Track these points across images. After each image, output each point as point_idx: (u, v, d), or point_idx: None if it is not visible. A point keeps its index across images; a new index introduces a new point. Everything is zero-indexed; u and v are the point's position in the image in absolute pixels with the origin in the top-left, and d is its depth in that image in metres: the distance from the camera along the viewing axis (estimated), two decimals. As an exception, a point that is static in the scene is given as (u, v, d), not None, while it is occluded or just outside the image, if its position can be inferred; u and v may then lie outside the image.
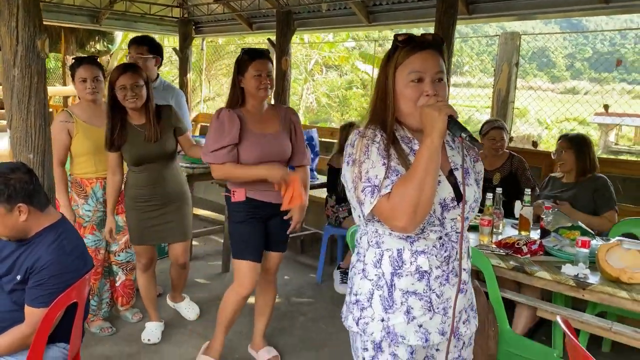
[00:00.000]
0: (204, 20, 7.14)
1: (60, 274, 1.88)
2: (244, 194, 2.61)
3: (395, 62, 1.44)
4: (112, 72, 2.81)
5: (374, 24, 5.50)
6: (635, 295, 2.07)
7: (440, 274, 1.47)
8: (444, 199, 1.43)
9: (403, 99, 1.43)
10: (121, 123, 2.83)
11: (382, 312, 1.47)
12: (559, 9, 4.35)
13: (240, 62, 2.56)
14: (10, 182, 1.84)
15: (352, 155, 1.45)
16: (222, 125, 2.50)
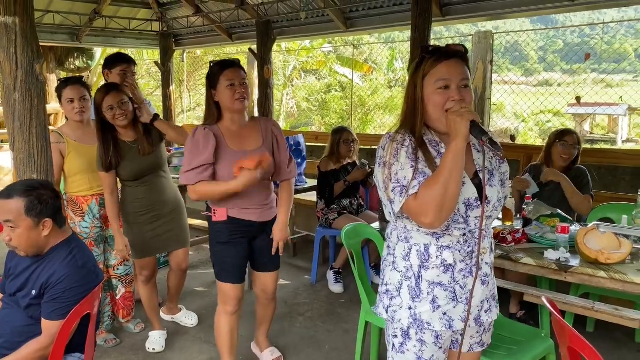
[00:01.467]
0: (183, 33, 7.23)
1: (75, 287, 1.97)
2: (225, 213, 2.47)
3: (423, 72, 1.54)
4: (97, 95, 2.87)
5: (351, 30, 5.65)
6: (613, 274, 2.23)
7: (464, 267, 1.58)
8: (468, 199, 1.54)
9: (431, 105, 1.53)
10: (113, 142, 2.88)
11: (410, 300, 1.61)
12: (528, 8, 4.55)
13: (211, 75, 2.43)
14: (43, 198, 1.95)
15: (382, 158, 1.57)
16: (196, 145, 2.38)
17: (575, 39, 20.33)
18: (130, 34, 6.98)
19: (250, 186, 2.34)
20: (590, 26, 12.77)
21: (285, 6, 5.72)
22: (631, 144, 16.94)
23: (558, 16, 23.80)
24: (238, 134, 2.46)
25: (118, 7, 6.58)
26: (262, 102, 5.92)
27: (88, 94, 3.06)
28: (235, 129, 2.46)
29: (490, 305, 1.69)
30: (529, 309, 3.34)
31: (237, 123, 2.46)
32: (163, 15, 6.95)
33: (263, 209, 2.53)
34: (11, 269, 2.11)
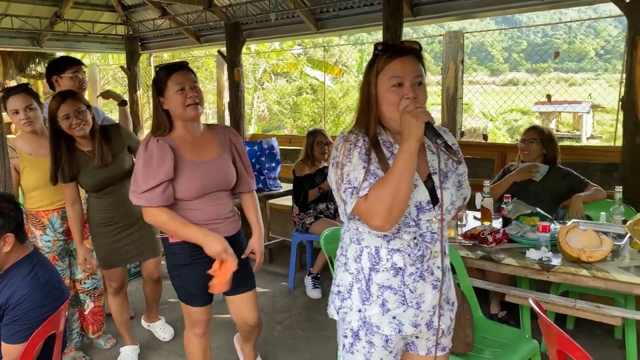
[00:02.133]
0: (149, 36, 7.05)
1: (37, 307, 1.84)
2: None
3: (377, 69, 1.51)
4: (51, 103, 2.67)
5: (322, 31, 5.58)
6: (596, 272, 2.21)
7: (414, 271, 1.55)
8: (419, 201, 1.51)
9: (385, 104, 1.50)
10: (69, 152, 2.70)
11: (360, 303, 1.58)
12: (496, 7, 4.56)
13: (157, 80, 2.16)
14: (5, 211, 1.82)
15: (335, 158, 1.53)
16: (151, 159, 2.10)
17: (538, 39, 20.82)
18: (94, 38, 6.77)
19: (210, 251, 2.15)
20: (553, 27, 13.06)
21: (254, 7, 5.62)
22: (595, 140, 17.40)
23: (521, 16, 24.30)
24: (194, 143, 2.20)
25: (80, 10, 6.37)
26: (233, 105, 5.80)
27: (35, 102, 2.84)
28: (191, 139, 2.20)
29: (444, 310, 1.64)
30: (509, 309, 3.32)
31: (191, 132, 2.21)
32: (128, 18, 6.76)
33: (225, 222, 2.29)
34: None
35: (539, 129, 3.40)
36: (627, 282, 2.16)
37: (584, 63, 19.71)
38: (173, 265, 2.28)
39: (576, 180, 3.27)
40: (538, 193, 3.24)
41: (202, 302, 2.31)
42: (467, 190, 1.72)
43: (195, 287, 2.27)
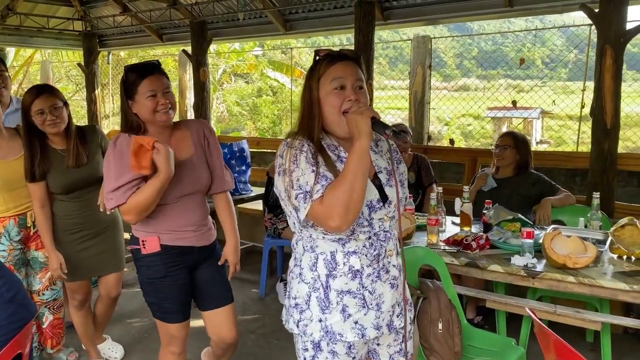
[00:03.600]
0: (108, 33, 6.78)
1: (3, 326, 1.67)
2: (157, 243, 2.05)
3: (318, 74, 1.51)
4: (25, 97, 2.54)
5: (290, 32, 5.52)
6: (582, 278, 2.23)
7: (371, 272, 1.54)
8: (370, 200, 1.51)
9: (328, 107, 1.50)
10: (42, 149, 2.56)
11: (320, 312, 1.54)
12: (466, 13, 4.62)
13: (127, 83, 2.00)
14: None
15: (282, 166, 1.50)
16: (121, 158, 1.96)
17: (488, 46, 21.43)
18: (49, 34, 6.44)
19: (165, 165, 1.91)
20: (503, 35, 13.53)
21: (221, 6, 5.48)
22: (544, 145, 18.04)
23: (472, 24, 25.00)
24: (167, 143, 2.05)
25: (35, 4, 6.04)
26: (199, 106, 5.64)
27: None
28: (163, 139, 2.04)
29: (402, 309, 1.63)
30: (484, 314, 3.34)
31: (163, 132, 2.08)
32: (86, 13, 6.47)
33: (201, 230, 2.13)
34: None
35: (513, 134, 3.43)
36: (611, 288, 2.18)
37: (530, 71, 20.41)
38: (147, 280, 2.10)
39: (546, 185, 3.31)
40: (509, 197, 3.27)
41: (180, 317, 2.14)
42: (406, 191, 1.77)
43: (172, 303, 2.11)
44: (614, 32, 3.37)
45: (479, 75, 20.52)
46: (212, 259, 2.19)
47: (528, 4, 4.23)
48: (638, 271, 2.27)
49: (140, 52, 12.19)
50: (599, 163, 3.55)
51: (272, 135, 14.94)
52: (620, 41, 3.38)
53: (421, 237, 2.85)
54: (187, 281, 2.14)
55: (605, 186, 3.49)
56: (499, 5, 4.35)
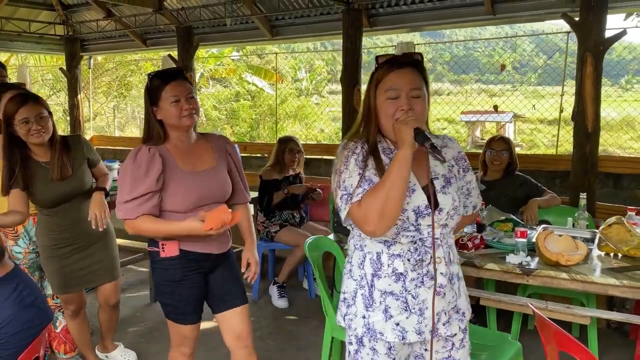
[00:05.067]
0: (90, 38, 6.73)
1: (24, 330, 1.69)
2: (176, 247, 2.07)
3: (376, 81, 1.55)
4: (8, 105, 2.39)
5: (277, 38, 5.58)
6: (574, 275, 2.34)
7: (415, 277, 1.55)
8: (417, 206, 1.53)
9: (382, 115, 1.54)
10: (22, 162, 2.43)
11: (364, 309, 1.59)
12: (449, 20, 4.76)
13: (151, 89, 2.03)
14: None
15: (335, 166, 1.58)
16: (138, 170, 1.97)
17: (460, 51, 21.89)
18: (29, 38, 6.35)
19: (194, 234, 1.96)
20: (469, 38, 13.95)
21: (207, 12, 5.51)
22: (517, 148, 18.43)
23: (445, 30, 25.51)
24: (188, 152, 2.09)
25: (16, 8, 5.96)
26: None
27: None
28: (185, 147, 2.09)
29: (450, 318, 1.62)
30: (475, 311, 3.44)
31: (185, 141, 2.10)
32: (68, 18, 6.41)
33: (220, 238, 2.15)
34: None
35: (505, 139, 3.55)
36: (602, 284, 2.30)
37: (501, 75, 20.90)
38: (163, 282, 2.12)
39: (533, 186, 3.44)
40: (497, 199, 3.39)
41: (195, 319, 2.18)
42: (476, 199, 1.73)
43: (189, 305, 2.14)
44: (594, 41, 3.54)
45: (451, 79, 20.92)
46: (226, 262, 2.22)
47: (510, 12, 4.38)
48: (626, 267, 2.40)
49: (117, 56, 12.07)
50: (580, 165, 3.71)
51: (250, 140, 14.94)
52: (600, 49, 3.55)
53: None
54: (203, 285, 2.17)
55: (586, 187, 3.64)
56: (481, 13, 4.50)
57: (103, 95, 14.05)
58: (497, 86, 17.92)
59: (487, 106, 11.87)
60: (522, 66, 22.62)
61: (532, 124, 18.52)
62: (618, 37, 3.60)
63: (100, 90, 13.72)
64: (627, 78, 20.25)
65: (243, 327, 2.24)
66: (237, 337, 2.25)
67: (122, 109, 15.58)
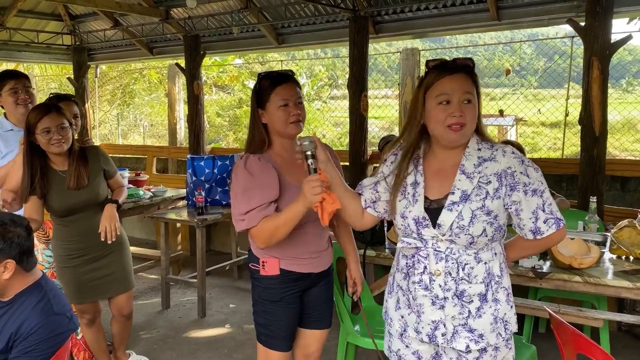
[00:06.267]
0: (96, 47, 6.78)
1: (51, 337, 1.72)
2: (277, 266, 1.98)
3: (426, 85, 1.54)
4: (30, 114, 2.48)
5: (283, 46, 5.62)
6: (587, 278, 2.37)
7: (417, 280, 1.61)
8: (417, 216, 1.59)
9: (431, 120, 1.54)
10: (42, 170, 2.50)
11: (387, 293, 1.78)
12: (454, 27, 4.79)
13: (260, 90, 1.95)
14: (7, 235, 1.70)
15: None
16: (251, 179, 1.88)
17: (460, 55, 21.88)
18: (37, 48, 6.41)
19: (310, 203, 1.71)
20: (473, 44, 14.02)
21: (214, 21, 5.56)
22: (519, 152, 18.41)
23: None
24: (292, 163, 1.94)
25: (24, 18, 6.02)
26: (193, 119, 5.69)
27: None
28: (288, 157, 1.98)
29: (456, 333, 1.58)
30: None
31: (288, 149, 1.99)
32: (75, 28, 6.47)
33: (321, 256, 2.06)
34: None
35: (514, 143, 3.58)
36: (616, 286, 2.33)
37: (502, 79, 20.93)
38: (261, 301, 2.04)
39: None
40: None
41: (285, 347, 2.06)
42: (535, 224, 1.55)
43: (281, 328, 2.04)
44: (600, 45, 3.57)
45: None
46: (324, 280, 2.13)
47: (515, 18, 4.41)
48: (638, 270, 2.43)
49: (120, 64, 12.13)
50: (588, 169, 3.73)
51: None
52: (606, 53, 3.58)
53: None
54: (299, 305, 2.07)
55: (595, 191, 3.67)
56: (486, 19, 4.52)
57: (107, 104, 14.11)
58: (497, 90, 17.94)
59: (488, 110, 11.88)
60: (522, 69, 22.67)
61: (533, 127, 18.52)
62: (624, 41, 3.63)
63: (105, 99, 13.77)
64: (628, 80, 20.28)
65: (317, 348, 2.19)
66: (306, 356, 2.21)
67: (125, 116, 15.64)
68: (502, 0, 4.33)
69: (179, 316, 3.96)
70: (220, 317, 3.91)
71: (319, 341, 2.18)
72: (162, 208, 4.44)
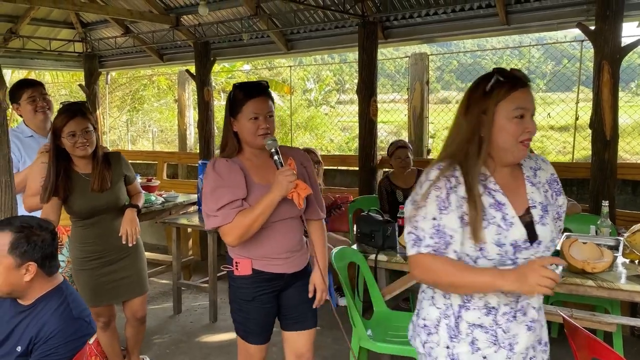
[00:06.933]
0: (107, 54, 6.86)
1: (70, 342, 1.75)
2: (249, 266, 2.07)
3: (497, 97, 1.44)
4: (57, 118, 2.57)
5: (292, 52, 5.67)
6: (601, 282, 2.37)
7: (508, 311, 1.49)
8: (515, 240, 1.44)
9: (504, 134, 1.44)
10: (65, 172, 2.57)
11: (448, 340, 1.52)
12: (462, 32, 4.80)
13: (233, 100, 2.03)
14: (32, 238, 1.73)
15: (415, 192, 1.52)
16: (220, 179, 1.99)
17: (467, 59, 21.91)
18: (49, 55, 6.49)
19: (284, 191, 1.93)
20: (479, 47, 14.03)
21: (223, 27, 5.61)
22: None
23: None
24: (262, 166, 2.07)
25: (37, 27, 6.11)
26: (204, 125, 5.74)
27: None
28: (256, 160, 2.08)
29: (535, 350, 1.56)
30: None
31: (258, 155, 2.09)
32: (87, 35, 6.55)
33: (294, 257, 2.13)
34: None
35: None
36: (629, 291, 2.32)
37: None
38: (236, 300, 2.16)
39: None
40: None
41: (261, 340, 2.17)
42: (561, 223, 1.61)
43: (256, 325, 2.14)
44: (610, 49, 3.57)
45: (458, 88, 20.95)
46: (301, 281, 2.18)
47: (525, 22, 4.43)
48: (652, 274, 2.42)
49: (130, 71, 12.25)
50: (600, 173, 3.73)
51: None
52: (617, 57, 3.58)
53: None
54: (274, 304, 2.15)
55: (606, 195, 3.66)
56: (495, 24, 4.54)
57: (117, 110, 14.24)
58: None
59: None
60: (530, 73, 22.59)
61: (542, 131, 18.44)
62: (635, 44, 3.62)
63: (114, 105, 13.90)
64: (638, 83, 20.15)
65: (307, 349, 2.24)
66: (298, 356, 2.25)
67: (134, 122, 15.77)
68: (511, 4, 4.34)
69: (191, 321, 3.98)
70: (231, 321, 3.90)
71: (307, 341, 2.22)
72: (174, 213, 4.47)
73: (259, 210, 1.94)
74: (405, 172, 4.06)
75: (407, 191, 4.04)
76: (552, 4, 4.19)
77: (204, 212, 2.04)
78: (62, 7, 5.02)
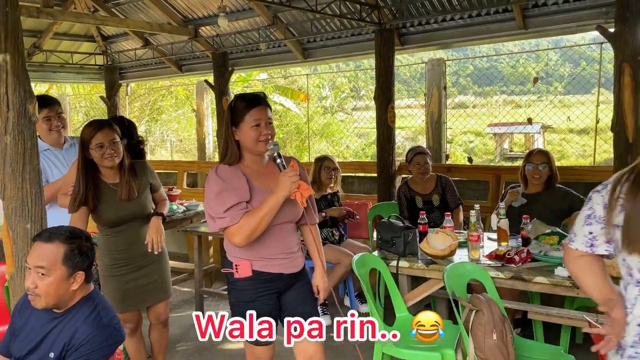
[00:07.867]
0: (127, 66, 6.98)
1: (102, 348, 1.80)
2: (249, 268, 2.15)
3: None
4: (85, 130, 2.63)
5: (309, 60, 5.72)
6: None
7: None
8: None
9: None
10: (93, 182, 2.64)
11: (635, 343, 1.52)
12: (478, 37, 4.80)
13: (234, 110, 2.15)
14: (83, 249, 1.81)
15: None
16: (223, 183, 2.10)
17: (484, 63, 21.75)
18: (71, 68, 6.64)
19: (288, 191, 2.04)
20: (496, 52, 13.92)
21: (241, 37, 5.68)
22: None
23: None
24: (261, 173, 2.20)
25: (59, 41, 6.25)
26: (221, 134, 5.79)
27: None
28: (256, 167, 2.21)
29: None
30: (520, 325, 3.42)
31: (258, 162, 2.22)
32: (107, 48, 6.69)
33: (291, 258, 2.23)
34: (21, 327, 1.89)
35: (544, 152, 3.57)
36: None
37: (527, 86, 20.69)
38: (237, 303, 2.21)
39: (575, 198, 3.44)
40: (540, 212, 3.39)
41: (265, 342, 2.20)
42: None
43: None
44: (631, 51, 3.54)
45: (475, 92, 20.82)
46: (300, 282, 2.27)
47: (542, 26, 4.40)
48: (679, 278, 2.38)
49: (149, 82, 12.45)
50: (622, 176, 3.68)
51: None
52: (637, 59, 3.55)
53: (462, 254, 2.97)
54: (275, 306, 2.22)
55: (629, 198, 3.61)
56: (513, 28, 4.52)
57: (136, 120, 14.47)
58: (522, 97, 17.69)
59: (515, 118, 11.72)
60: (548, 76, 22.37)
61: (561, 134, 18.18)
62: (655, 46, 3.59)
63: (133, 115, 14.12)
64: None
65: (316, 350, 2.28)
66: (308, 357, 2.29)
67: (152, 132, 15.98)
68: (529, 8, 4.33)
69: (213, 328, 4.01)
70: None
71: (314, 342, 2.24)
72: (195, 222, 4.52)
73: (264, 211, 2.05)
74: (424, 178, 4.07)
75: (426, 197, 4.04)
76: (570, 7, 4.17)
77: (208, 215, 2.14)
78: (83, 22, 5.14)
